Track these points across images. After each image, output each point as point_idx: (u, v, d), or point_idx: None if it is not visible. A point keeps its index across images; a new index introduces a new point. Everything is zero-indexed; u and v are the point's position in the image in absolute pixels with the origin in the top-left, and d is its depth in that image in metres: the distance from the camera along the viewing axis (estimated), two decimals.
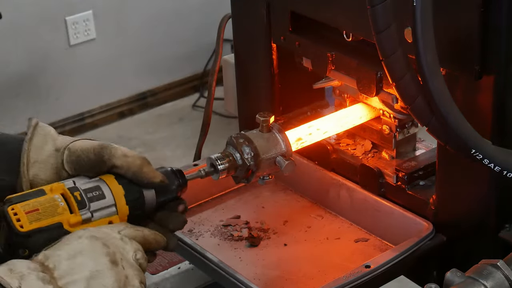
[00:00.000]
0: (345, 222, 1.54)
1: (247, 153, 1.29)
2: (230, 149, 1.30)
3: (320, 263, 1.44)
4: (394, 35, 1.09)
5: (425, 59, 1.08)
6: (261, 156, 1.29)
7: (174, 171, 1.20)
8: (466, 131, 1.12)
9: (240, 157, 1.29)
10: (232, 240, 1.50)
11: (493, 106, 1.23)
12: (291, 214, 1.57)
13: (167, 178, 1.17)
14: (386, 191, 1.48)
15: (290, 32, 1.53)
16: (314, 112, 1.65)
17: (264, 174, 1.33)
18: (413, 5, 1.05)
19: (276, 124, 1.33)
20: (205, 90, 3.96)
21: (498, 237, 1.31)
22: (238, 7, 1.62)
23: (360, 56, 1.43)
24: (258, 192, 1.63)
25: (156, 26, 4.01)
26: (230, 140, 1.31)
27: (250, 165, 1.29)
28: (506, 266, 1.10)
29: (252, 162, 1.29)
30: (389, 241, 1.47)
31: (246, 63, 1.65)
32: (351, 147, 1.58)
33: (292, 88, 1.64)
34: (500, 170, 1.14)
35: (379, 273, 1.31)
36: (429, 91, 1.10)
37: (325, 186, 1.57)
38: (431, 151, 1.51)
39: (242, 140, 1.30)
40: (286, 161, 1.31)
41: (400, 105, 1.42)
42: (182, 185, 1.20)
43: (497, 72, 1.20)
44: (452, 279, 1.10)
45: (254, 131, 1.32)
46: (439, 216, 1.39)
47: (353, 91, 1.51)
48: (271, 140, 1.32)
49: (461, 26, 1.20)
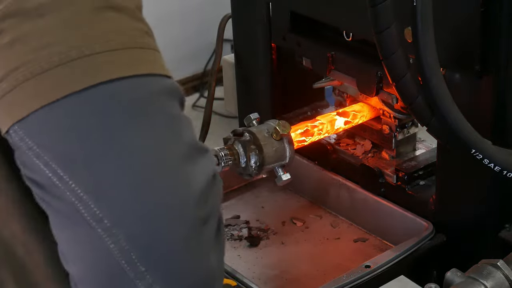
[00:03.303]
0: (345, 222, 1.54)
1: (254, 162, 1.30)
2: (239, 147, 1.30)
3: (320, 263, 1.44)
4: (394, 35, 1.09)
5: (425, 59, 1.08)
6: (265, 165, 1.30)
7: None
8: (466, 131, 1.12)
9: (245, 162, 1.30)
10: (232, 240, 1.50)
11: (493, 106, 1.23)
12: (291, 214, 1.57)
13: None
14: (386, 191, 1.48)
15: (290, 32, 1.53)
16: (314, 112, 1.65)
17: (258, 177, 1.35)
18: (413, 5, 1.05)
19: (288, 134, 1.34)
20: (205, 90, 3.96)
21: (498, 237, 1.31)
22: (238, 7, 1.62)
23: (360, 56, 1.43)
24: (258, 192, 1.63)
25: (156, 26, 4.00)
26: (240, 139, 1.31)
27: (252, 171, 1.30)
28: (506, 266, 1.10)
29: (256, 171, 1.30)
30: (389, 241, 1.47)
31: (246, 63, 1.65)
32: (351, 147, 1.58)
33: (292, 88, 1.64)
34: (500, 170, 1.14)
35: (379, 273, 1.31)
36: (429, 91, 1.10)
37: (325, 186, 1.57)
38: (431, 151, 1.51)
39: (254, 147, 1.30)
40: (284, 177, 1.33)
41: (400, 105, 1.42)
42: None
43: (497, 72, 1.20)
44: (452, 279, 1.10)
45: (266, 134, 1.31)
46: (439, 216, 1.39)
47: (353, 91, 1.51)
48: (279, 150, 1.32)
49: (461, 26, 1.20)
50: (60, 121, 0.74)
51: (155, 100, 0.77)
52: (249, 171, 1.31)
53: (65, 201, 0.74)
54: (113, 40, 0.75)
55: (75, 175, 0.74)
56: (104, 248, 0.74)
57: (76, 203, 0.74)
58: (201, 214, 0.77)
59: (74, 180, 0.74)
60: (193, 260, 0.77)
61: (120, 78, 0.74)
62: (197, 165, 0.78)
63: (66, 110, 0.73)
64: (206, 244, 0.78)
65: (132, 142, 0.75)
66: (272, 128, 1.32)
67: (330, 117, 1.49)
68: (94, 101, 0.74)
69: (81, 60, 0.73)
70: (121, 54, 0.75)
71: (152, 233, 0.75)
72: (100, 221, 0.73)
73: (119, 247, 0.74)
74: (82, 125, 0.74)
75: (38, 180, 0.75)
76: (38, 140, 0.74)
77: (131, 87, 0.75)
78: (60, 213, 0.75)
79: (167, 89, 0.78)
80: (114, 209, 0.74)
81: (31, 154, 0.74)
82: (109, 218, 0.74)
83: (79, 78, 0.73)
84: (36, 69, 0.73)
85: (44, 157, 0.74)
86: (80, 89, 0.73)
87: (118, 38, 0.76)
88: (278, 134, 1.31)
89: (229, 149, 1.30)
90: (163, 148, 0.76)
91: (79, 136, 0.74)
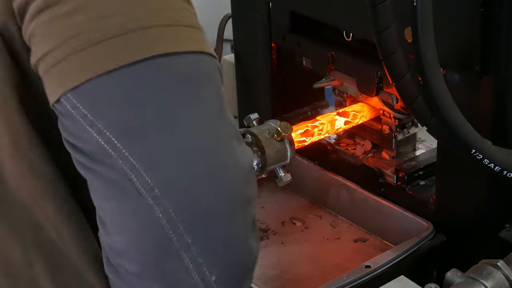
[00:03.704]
0: (345, 222, 1.54)
1: (256, 164, 1.29)
2: None
3: (320, 263, 1.43)
4: (394, 35, 1.09)
5: (425, 59, 1.08)
6: (267, 167, 1.30)
7: None
8: (466, 131, 1.12)
9: None
10: None
11: (493, 106, 1.22)
12: (291, 214, 1.57)
13: None
14: (386, 191, 1.48)
15: (290, 32, 1.53)
16: (314, 112, 1.65)
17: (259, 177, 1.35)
18: (413, 5, 1.05)
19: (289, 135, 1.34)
20: None
21: (498, 237, 1.30)
22: (238, 7, 1.62)
23: (360, 56, 1.43)
24: (258, 192, 1.63)
25: None
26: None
27: (254, 173, 1.30)
28: (506, 266, 1.10)
29: (257, 172, 1.30)
30: (389, 241, 1.47)
31: (246, 63, 1.65)
32: (351, 147, 1.58)
33: (292, 88, 1.64)
34: (500, 170, 1.13)
35: (379, 273, 1.31)
36: (429, 91, 1.10)
37: (325, 186, 1.57)
38: (431, 151, 1.51)
39: (256, 149, 1.30)
40: (285, 178, 1.33)
41: (400, 105, 1.42)
42: None
43: (497, 72, 1.20)
44: (452, 279, 1.10)
45: (267, 135, 1.31)
46: (439, 216, 1.39)
47: (353, 91, 1.51)
48: (280, 151, 1.32)
49: (461, 26, 1.20)
50: (115, 90, 0.74)
51: (206, 77, 0.78)
52: None
53: (116, 170, 0.74)
54: (168, 17, 0.77)
55: (129, 143, 0.74)
56: (153, 218, 0.74)
57: (127, 171, 0.74)
58: (246, 192, 0.79)
59: (127, 148, 0.74)
60: (236, 238, 0.78)
61: (174, 53, 0.76)
62: (243, 146, 0.80)
63: (121, 80, 0.74)
64: (247, 226, 0.79)
65: (186, 115, 0.76)
66: (273, 129, 1.32)
67: (330, 117, 1.49)
68: (149, 73, 0.75)
69: (137, 32, 0.75)
70: (175, 30, 0.77)
71: (200, 204, 0.75)
72: (151, 190, 0.74)
73: (168, 217, 0.74)
74: (137, 95, 0.75)
75: (87, 149, 0.75)
76: (93, 108, 0.74)
77: (185, 62, 0.77)
78: (109, 182, 0.75)
79: (215, 68, 0.80)
80: (165, 179, 0.74)
81: (84, 122, 0.74)
82: (159, 187, 0.74)
83: (135, 49, 0.74)
84: (92, 38, 0.74)
85: (98, 125, 0.74)
86: (136, 61, 0.74)
87: (172, 15, 0.77)
88: (279, 135, 1.31)
89: None
90: (213, 124, 0.77)
91: (134, 106, 0.74)
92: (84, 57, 0.74)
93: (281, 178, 1.33)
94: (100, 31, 0.74)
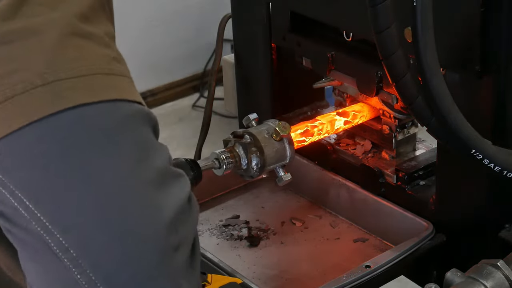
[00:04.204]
0: (345, 222, 1.54)
1: (255, 164, 1.30)
2: (239, 149, 1.30)
3: (320, 263, 1.43)
4: (394, 35, 1.09)
5: (425, 59, 1.08)
6: (266, 167, 1.30)
7: (189, 162, 1.19)
8: (466, 131, 1.12)
9: (246, 164, 1.30)
10: (232, 240, 1.50)
11: (493, 106, 1.23)
12: (290, 214, 1.57)
13: (182, 169, 1.17)
14: (386, 191, 1.48)
15: (290, 32, 1.53)
16: (314, 112, 1.65)
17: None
18: (413, 5, 1.05)
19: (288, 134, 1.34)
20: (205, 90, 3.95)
21: (498, 237, 1.30)
22: (238, 7, 1.62)
23: (360, 56, 1.43)
24: (258, 192, 1.63)
25: (156, 26, 4.00)
26: (241, 141, 1.30)
27: (253, 173, 1.30)
28: (506, 266, 1.10)
29: (257, 172, 1.30)
30: (389, 241, 1.47)
31: (246, 63, 1.65)
32: (351, 147, 1.58)
33: (292, 88, 1.64)
34: (500, 170, 1.13)
35: (379, 273, 1.31)
36: (429, 91, 1.10)
37: (325, 186, 1.57)
38: (431, 151, 1.51)
39: (255, 149, 1.30)
40: (285, 177, 1.33)
41: (400, 105, 1.42)
42: (197, 177, 1.19)
43: (497, 72, 1.20)
44: (452, 279, 1.10)
45: (266, 135, 1.31)
46: (439, 216, 1.39)
47: (353, 91, 1.51)
48: (279, 151, 1.32)
49: (461, 26, 1.20)
50: (24, 148, 0.72)
51: (121, 126, 0.75)
52: (250, 173, 1.31)
53: (31, 232, 0.72)
54: (78, 67, 0.74)
55: (41, 203, 0.72)
56: (71, 279, 0.73)
57: (42, 233, 0.72)
58: (172, 241, 0.75)
59: (39, 209, 0.72)
60: (165, 287, 0.75)
61: (84, 104, 0.73)
62: (168, 191, 0.76)
63: (30, 137, 0.72)
64: (176, 271, 0.76)
65: (97, 170, 0.73)
66: (272, 129, 1.32)
67: (330, 117, 1.49)
68: (58, 128, 0.72)
69: (45, 87, 0.72)
70: (86, 80, 0.74)
71: (119, 262, 0.73)
72: (66, 251, 0.72)
73: (86, 277, 0.72)
74: (46, 152, 0.72)
75: (4, 212, 0.73)
76: (3, 169, 0.72)
77: (96, 113, 0.74)
78: (27, 245, 0.73)
79: (136, 115, 0.76)
80: (80, 239, 0.72)
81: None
82: (74, 248, 0.72)
83: (42, 105, 0.72)
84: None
85: (10, 186, 0.72)
86: (43, 116, 0.71)
87: (83, 64, 0.74)
88: (278, 135, 1.31)
89: (230, 151, 1.30)
90: (129, 175, 0.74)
91: (43, 164, 0.72)
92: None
93: (281, 177, 1.33)
94: (8, 88, 0.72)
